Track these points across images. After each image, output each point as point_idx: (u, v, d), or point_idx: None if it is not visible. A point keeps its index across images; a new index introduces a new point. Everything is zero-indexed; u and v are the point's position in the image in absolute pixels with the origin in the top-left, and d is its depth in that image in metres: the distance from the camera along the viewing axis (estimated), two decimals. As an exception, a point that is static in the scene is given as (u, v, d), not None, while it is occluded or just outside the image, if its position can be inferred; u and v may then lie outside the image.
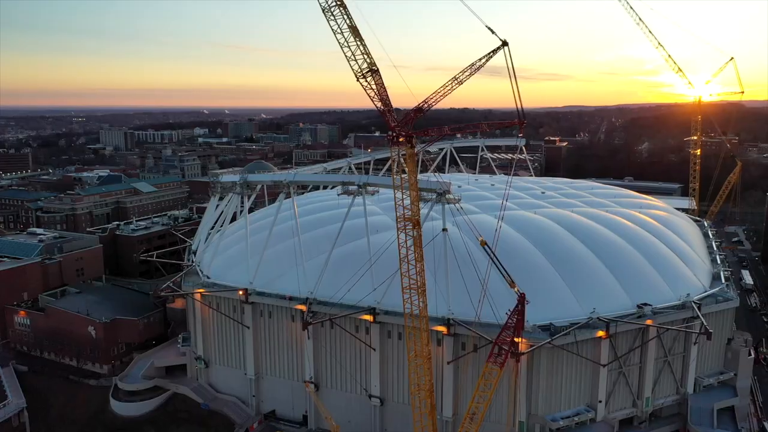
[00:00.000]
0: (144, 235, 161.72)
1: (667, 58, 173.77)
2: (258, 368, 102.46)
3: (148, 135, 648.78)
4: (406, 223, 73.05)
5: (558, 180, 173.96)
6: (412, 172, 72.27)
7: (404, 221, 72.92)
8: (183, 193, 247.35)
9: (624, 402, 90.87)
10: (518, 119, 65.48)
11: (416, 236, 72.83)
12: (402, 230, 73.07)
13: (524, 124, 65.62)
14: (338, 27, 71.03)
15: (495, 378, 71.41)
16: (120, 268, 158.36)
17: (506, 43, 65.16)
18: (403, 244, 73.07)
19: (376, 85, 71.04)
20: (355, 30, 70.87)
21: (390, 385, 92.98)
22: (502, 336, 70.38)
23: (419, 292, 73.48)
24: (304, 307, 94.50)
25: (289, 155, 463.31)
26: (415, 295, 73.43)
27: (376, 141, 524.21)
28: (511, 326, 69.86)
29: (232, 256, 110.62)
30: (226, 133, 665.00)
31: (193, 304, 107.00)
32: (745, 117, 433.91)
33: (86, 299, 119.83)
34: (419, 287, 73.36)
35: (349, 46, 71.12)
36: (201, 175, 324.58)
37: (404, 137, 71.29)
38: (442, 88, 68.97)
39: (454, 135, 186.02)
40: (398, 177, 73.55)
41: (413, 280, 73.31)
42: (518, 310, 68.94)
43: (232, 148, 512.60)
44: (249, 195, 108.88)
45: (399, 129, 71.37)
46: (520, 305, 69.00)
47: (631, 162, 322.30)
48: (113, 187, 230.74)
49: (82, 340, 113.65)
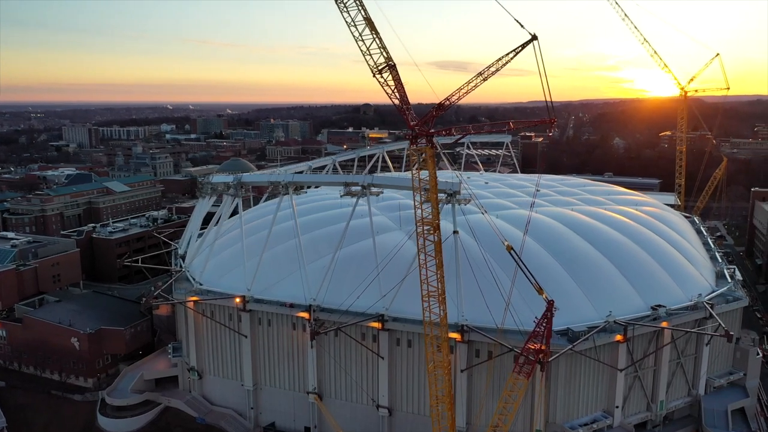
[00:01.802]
0: (122, 238, 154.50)
1: (653, 54, 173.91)
2: (256, 379, 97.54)
3: (113, 131, 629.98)
4: (425, 227, 69.19)
5: (547, 177, 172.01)
6: (432, 174, 68.28)
7: (424, 225, 69.04)
8: (157, 192, 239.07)
9: (639, 406, 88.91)
10: (549, 117, 62.11)
11: (436, 241, 69.06)
12: (421, 235, 69.20)
13: (555, 122, 62.28)
14: (352, 19, 66.89)
15: (521, 389, 68.27)
16: (98, 273, 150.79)
17: (536, 37, 61.73)
18: (422, 250, 69.22)
19: (394, 81, 67.00)
20: (371, 22, 66.72)
21: (399, 394, 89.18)
22: (529, 344, 67.13)
23: (440, 299, 69.78)
24: (307, 314, 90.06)
25: (261, 152, 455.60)
26: (435, 303, 69.70)
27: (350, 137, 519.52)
28: (539, 334, 66.64)
29: (225, 260, 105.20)
30: (195, 130, 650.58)
31: (185, 313, 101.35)
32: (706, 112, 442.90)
33: (67, 308, 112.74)
34: (440, 295, 69.65)
35: (364, 40, 67.06)
36: (174, 173, 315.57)
37: (425, 136, 67.20)
38: (465, 84, 65.25)
39: (478, 133, 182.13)
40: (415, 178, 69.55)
41: (433, 288, 69.55)
42: (547, 317, 65.68)
43: (202, 144, 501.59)
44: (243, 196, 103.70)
45: (419, 128, 67.20)
46: (549, 312, 65.75)
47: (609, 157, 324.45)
48: (84, 186, 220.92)
49: (65, 352, 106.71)
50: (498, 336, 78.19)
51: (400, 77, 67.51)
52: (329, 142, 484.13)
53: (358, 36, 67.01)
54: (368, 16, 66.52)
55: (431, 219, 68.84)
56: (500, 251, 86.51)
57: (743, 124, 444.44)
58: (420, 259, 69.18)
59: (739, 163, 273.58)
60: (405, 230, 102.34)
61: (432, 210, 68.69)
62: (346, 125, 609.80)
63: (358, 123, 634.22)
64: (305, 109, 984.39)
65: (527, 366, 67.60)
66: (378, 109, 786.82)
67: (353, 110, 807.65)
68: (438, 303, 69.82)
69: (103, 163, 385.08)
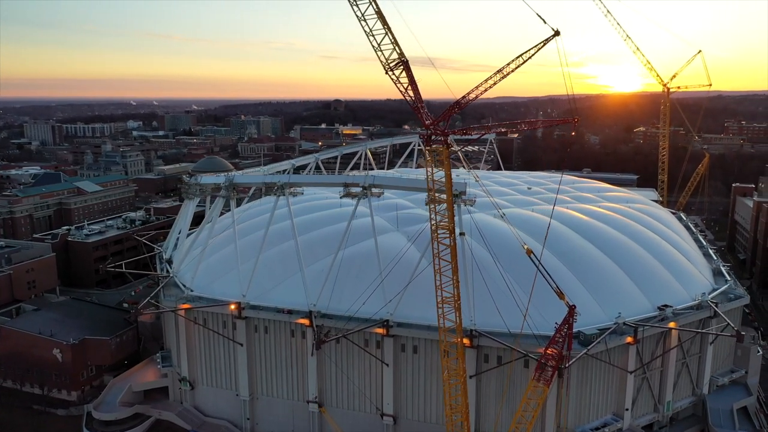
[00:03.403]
0: (100, 241, 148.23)
1: (636, 50, 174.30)
2: (253, 388, 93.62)
3: (77, 128, 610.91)
4: (440, 231, 66.42)
5: (534, 174, 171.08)
6: (448, 175, 65.50)
7: (439, 229, 66.26)
8: (130, 191, 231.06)
9: (646, 407, 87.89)
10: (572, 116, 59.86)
11: (452, 245, 66.36)
12: (436, 239, 66.40)
13: (578, 121, 60.08)
14: (362, 13, 63.73)
15: (541, 396, 66.21)
16: (74, 278, 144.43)
17: (558, 32, 59.37)
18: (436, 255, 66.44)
19: (408, 78, 64.00)
20: (382, 16, 63.61)
21: (404, 402, 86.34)
22: (549, 350, 65.03)
23: (455, 306, 67.14)
24: (307, 321, 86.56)
25: (233, 149, 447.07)
26: (452, 309, 67.04)
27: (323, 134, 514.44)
28: (559, 340, 64.58)
29: (216, 264, 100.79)
30: (163, 126, 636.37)
31: (176, 321, 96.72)
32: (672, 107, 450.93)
33: (46, 317, 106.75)
34: (455, 301, 67.02)
35: (375, 36, 63.98)
36: (145, 171, 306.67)
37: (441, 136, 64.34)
38: (484, 82, 62.53)
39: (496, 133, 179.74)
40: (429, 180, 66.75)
41: (449, 294, 66.87)
42: (569, 323, 63.64)
43: (171, 142, 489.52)
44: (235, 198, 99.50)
45: (435, 127, 64.31)
46: (570, 317, 63.71)
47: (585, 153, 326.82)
48: (54, 186, 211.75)
49: (47, 364, 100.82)
50: (509, 340, 75.91)
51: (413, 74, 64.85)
52: (302, 139, 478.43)
53: (368, 31, 63.89)
54: (379, 10, 63.42)
55: (446, 222, 66.11)
56: (507, 253, 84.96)
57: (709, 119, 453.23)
58: (435, 265, 66.37)
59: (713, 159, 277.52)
60: (402, 231, 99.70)
61: (447, 213, 65.95)
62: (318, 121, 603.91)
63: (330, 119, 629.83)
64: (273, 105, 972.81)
65: (547, 373, 65.53)
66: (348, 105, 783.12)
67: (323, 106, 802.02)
68: (453, 310, 67.21)
69: (70, 161, 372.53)
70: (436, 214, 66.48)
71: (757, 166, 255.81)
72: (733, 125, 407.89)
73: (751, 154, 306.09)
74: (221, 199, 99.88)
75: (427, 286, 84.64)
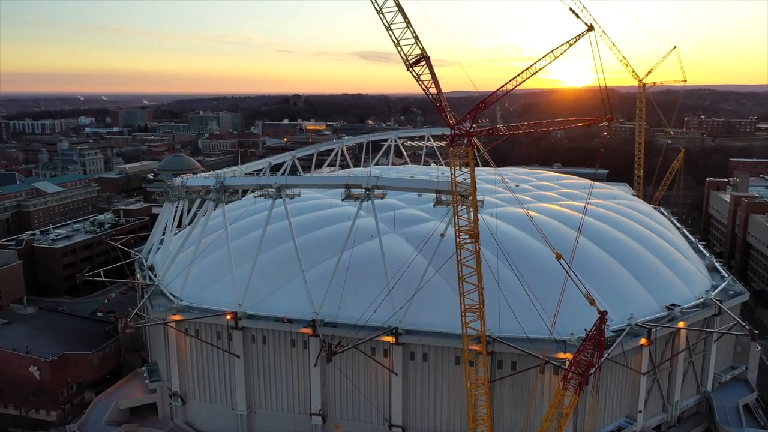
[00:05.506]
0: (68, 246, 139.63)
1: (612, 46, 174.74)
2: (250, 402, 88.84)
3: (25, 125, 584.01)
4: (463, 237, 63.32)
5: (517, 170, 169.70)
6: (472, 178, 62.37)
7: (462, 235, 63.14)
8: (92, 192, 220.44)
9: (656, 408, 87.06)
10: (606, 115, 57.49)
11: (477, 251, 63.37)
12: (460, 245, 63.28)
13: (612, 120, 57.79)
14: (380, 7, 60.16)
15: (569, 406, 63.91)
16: (41, 287, 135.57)
17: (592, 27, 56.85)
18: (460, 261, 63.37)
19: (430, 74, 60.65)
20: (402, 9, 60.13)
21: (414, 412, 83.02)
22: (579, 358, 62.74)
23: (480, 314, 64.23)
24: (310, 330, 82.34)
25: (194, 146, 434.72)
26: (477, 318, 64.09)
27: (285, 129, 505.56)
28: (589, 348, 62.32)
29: (206, 271, 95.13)
30: (117, 123, 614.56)
31: (165, 332, 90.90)
32: (626, 101, 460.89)
33: (19, 332, 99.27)
34: (480, 309, 64.11)
35: (394, 30, 60.58)
36: (105, 170, 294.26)
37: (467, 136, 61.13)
38: (512, 80, 59.52)
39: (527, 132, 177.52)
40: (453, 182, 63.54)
41: (473, 302, 63.89)
42: (601, 330, 61.41)
43: (127, 138, 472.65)
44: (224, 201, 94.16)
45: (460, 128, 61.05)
46: (601, 323, 61.50)
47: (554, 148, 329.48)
48: (10, 188, 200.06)
49: (23, 383, 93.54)
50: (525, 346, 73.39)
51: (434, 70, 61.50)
52: (265, 135, 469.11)
53: (387, 25, 60.36)
54: (399, 3, 59.91)
55: (470, 227, 63.07)
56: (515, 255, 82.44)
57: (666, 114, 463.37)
58: (460, 272, 63.25)
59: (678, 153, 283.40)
60: (400, 233, 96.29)
61: (472, 217, 62.91)
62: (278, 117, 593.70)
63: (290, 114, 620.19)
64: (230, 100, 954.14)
65: (575, 380, 63.27)
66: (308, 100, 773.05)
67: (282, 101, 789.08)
68: (477, 318, 64.32)
69: (20, 160, 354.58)
70: (458, 218, 63.38)
71: (720, 160, 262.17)
72: (693, 120, 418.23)
73: (713, 148, 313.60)
74: (211, 202, 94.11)
75: (434, 292, 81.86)
